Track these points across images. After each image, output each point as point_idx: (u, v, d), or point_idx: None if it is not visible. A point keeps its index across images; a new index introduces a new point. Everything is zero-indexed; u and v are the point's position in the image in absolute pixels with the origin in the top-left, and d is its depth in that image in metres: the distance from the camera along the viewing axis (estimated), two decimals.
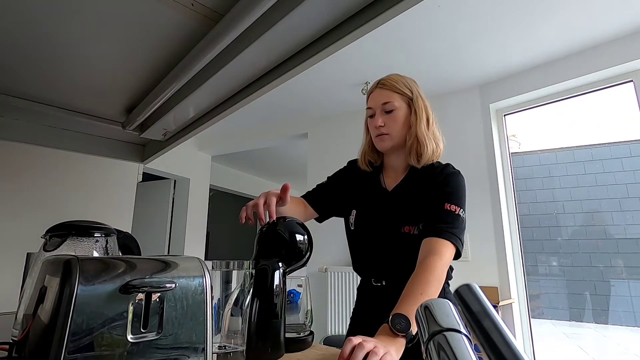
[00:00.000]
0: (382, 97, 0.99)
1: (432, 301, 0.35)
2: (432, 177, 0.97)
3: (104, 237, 0.66)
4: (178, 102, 1.00)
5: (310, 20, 0.65)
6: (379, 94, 1.00)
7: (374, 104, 1.00)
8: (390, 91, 0.99)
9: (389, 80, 1.01)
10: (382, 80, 1.02)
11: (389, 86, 1.00)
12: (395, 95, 0.99)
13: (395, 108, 0.98)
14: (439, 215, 0.89)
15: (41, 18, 0.72)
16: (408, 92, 1.00)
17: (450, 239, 0.85)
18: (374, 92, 1.02)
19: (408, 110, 1.00)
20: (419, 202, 0.96)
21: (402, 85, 1.00)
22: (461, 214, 0.90)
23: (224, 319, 0.62)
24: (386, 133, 0.99)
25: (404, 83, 1.00)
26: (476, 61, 2.58)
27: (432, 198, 0.93)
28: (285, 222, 0.82)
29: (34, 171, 1.47)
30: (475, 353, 0.29)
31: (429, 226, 0.89)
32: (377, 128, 0.99)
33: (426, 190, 0.96)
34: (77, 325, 0.39)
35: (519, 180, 4.56)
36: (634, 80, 2.32)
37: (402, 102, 0.99)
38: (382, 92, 1.00)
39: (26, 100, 1.09)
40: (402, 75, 1.04)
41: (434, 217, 0.90)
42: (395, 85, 0.99)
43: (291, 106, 3.41)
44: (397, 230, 0.96)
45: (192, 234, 4.09)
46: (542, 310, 4.63)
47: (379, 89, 1.01)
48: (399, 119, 0.98)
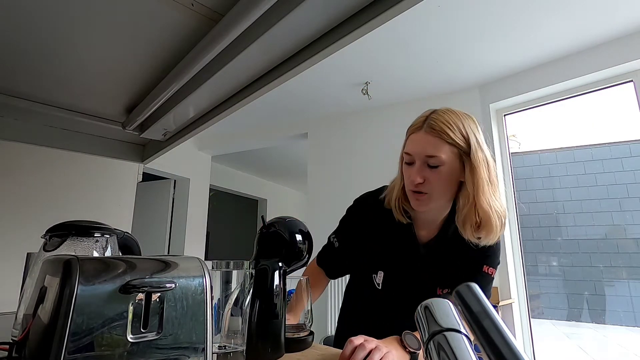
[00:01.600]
0: (427, 146, 0.75)
1: (432, 301, 0.35)
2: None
3: (104, 237, 0.66)
4: (178, 102, 1.00)
5: (310, 20, 0.65)
6: (424, 140, 0.76)
7: (416, 151, 0.77)
8: (440, 139, 0.75)
9: (439, 121, 0.76)
10: (432, 119, 0.77)
11: (438, 131, 0.75)
12: (446, 146, 0.75)
13: (443, 163, 0.75)
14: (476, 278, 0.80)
15: (41, 18, 0.72)
16: (463, 143, 0.75)
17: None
18: (418, 134, 0.77)
19: (459, 164, 0.76)
20: (455, 262, 0.83)
21: (456, 131, 0.75)
22: (494, 277, 0.83)
23: (224, 319, 0.62)
24: (425, 192, 0.78)
25: (459, 128, 0.76)
26: (476, 61, 2.58)
27: (471, 258, 0.82)
28: (285, 222, 0.82)
29: (34, 171, 1.47)
30: (475, 353, 0.29)
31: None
32: (414, 184, 0.78)
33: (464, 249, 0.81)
34: (77, 325, 0.39)
35: (519, 180, 4.57)
36: (634, 80, 2.32)
37: (453, 154, 0.75)
38: (429, 139, 0.75)
39: (26, 100, 1.09)
40: (457, 114, 0.78)
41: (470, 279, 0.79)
42: (447, 132, 0.74)
43: (291, 106, 3.41)
44: (433, 293, 0.84)
45: (192, 234, 4.09)
46: (542, 310, 4.63)
47: (425, 134, 0.76)
48: (445, 177, 0.77)
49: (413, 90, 2.99)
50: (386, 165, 3.57)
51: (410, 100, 3.15)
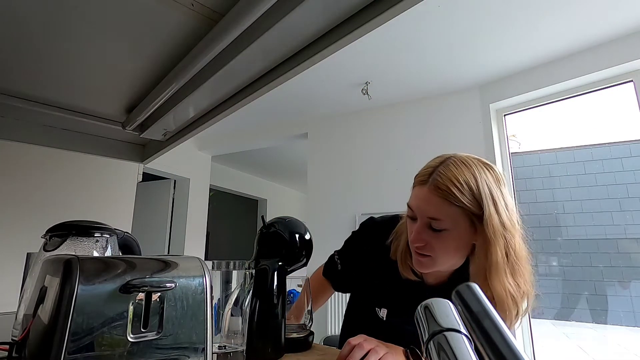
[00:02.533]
0: (429, 207, 0.64)
1: (432, 301, 0.35)
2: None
3: (104, 237, 0.66)
4: (178, 102, 1.00)
5: (310, 20, 0.65)
6: (426, 200, 0.64)
7: (417, 209, 0.66)
8: (445, 200, 0.62)
9: (446, 178, 0.62)
10: (437, 175, 0.63)
11: (444, 191, 0.62)
12: (453, 208, 0.62)
13: (448, 229, 0.63)
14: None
15: (41, 18, 0.72)
16: (474, 207, 0.61)
17: None
18: (422, 190, 0.65)
19: (470, 228, 0.63)
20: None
21: (467, 192, 0.61)
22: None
23: (224, 319, 0.62)
24: (428, 255, 0.67)
25: (470, 187, 0.61)
26: (476, 61, 2.58)
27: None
28: (285, 222, 0.82)
29: (34, 171, 1.47)
30: (475, 353, 0.29)
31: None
32: (414, 245, 0.69)
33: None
34: (78, 325, 0.39)
35: (519, 180, 4.56)
36: (634, 80, 2.32)
37: (463, 217, 0.62)
38: (432, 199, 0.63)
39: (26, 100, 1.09)
40: (471, 167, 0.64)
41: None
42: (454, 193, 0.61)
43: (291, 106, 3.41)
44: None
45: (192, 234, 4.09)
46: (542, 310, 4.63)
47: (429, 192, 0.64)
48: (450, 245, 0.65)
49: (413, 90, 2.99)
50: (386, 165, 3.57)
51: (410, 100, 3.15)
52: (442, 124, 2.98)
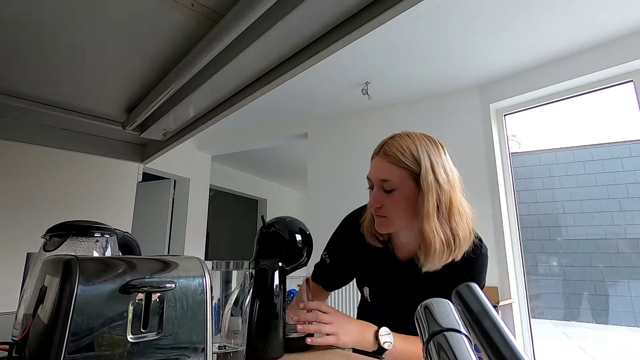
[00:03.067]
0: (381, 170, 0.78)
1: (432, 301, 0.35)
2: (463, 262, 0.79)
3: (104, 237, 0.66)
4: (178, 102, 1.00)
5: (310, 20, 0.65)
6: (378, 165, 0.79)
7: (372, 176, 0.80)
8: (392, 164, 0.76)
9: (393, 147, 0.77)
10: (386, 145, 0.79)
11: (391, 156, 0.76)
12: (398, 169, 0.75)
13: (397, 187, 0.76)
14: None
15: (41, 18, 0.72)
16: (415, 166, 0.75)
17: None
18: (375, 159, 0.80)
19: (416, 189, 0.75)
20: (439, 280, 0.80)
21: (408, 154, 0.75)
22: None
23: (224, 319, 0.62)
24: (384, 216, 0.79)
25: (412, 151, 0.75)
26: (476, 61, 2.58)
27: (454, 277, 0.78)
28: (285, 222, 0.82)
29: (34, 171, 1.47)
30: (475, 353, 0.29)
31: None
32: (373, 208, 0.80)
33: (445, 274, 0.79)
34: (77, 325, 0.39)
35: (519, 180, 4.57)
36: (634, 80, 2.32)
37: (408, 177, 0.75)
38: (383, 163, 0.77)
39: (26, 100, 1.09)
40: (415, 137, 0.78)
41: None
42: (399, 157, 0.75)
43: (291, 106, 3.41)
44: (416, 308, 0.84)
45: (192, 234, 4.09)
46: (542, 310, 4.63)
47: (380, 159, 0.78)
48: (400, 202, 0.77)
49: (413, 90, 2.99)
50: None
51: (410, 100, 3.15)
52: (442, 124, 2.98)
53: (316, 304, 0.76)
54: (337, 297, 3.15)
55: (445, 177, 0.76)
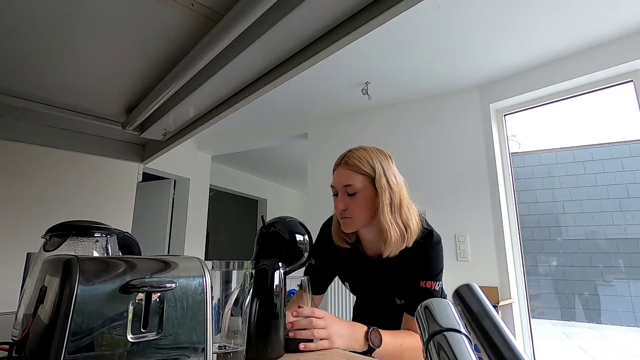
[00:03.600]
0: (344, 177, 0.93)
1: (432, 301, 0.35)
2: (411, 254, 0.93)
3: (104, 237, 0.66)
4: (178, 102, 1.00)
5: (310, 20, 0.65)
6: (341, 174, 0.94)
7: (336, 183, 0.95)
8: (352, 171, 0.92)
9: (352, 158, 0.94)
10: (347, 157, 0.95)
11: (351, 165, 0.92)
12: (358, 176, 0.91)
13: (358, 191, 0.91)
14: (415, 293, 0.91)
15: (41, 18, 0.72)
16: (371, 172, 0.92)
17: None
18: (337, 170, 0.96)
19: (373, 191, 0.92)
20: (403, 277, 0.94)
21: (365, 163, 0.92)
22: (437, 288, 0.91)
23: (224, 319, 0.62)
24: (349, 217, 0.93)
25: (368, 161, 0.92)
26: (476, 61, 2.58)
27: (409, 273, 0.92)
28: (285, 222, 0.82)
29: (34, 171, 1.47)
30: (475, 353, 0.29)
31: (406, 304, 0.93)
32: (339, 211, 0.94)
33: (405, 264, 0.93)
34: (77, 325, 0.39)
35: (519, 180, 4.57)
36: (634, 80, 2.32)
37: (367, 182, 0.92)
38: (345, 172, 0.93)
39: (26, 100, 1.09)
40: (369, 150, 0.96)
41: (411, 295, 0.92)
42: (358, 165, 0.92)
43: (291, 106, 3.41)
44: (392, 302, 0.98)
45: (192, 234, 4.09)
46: (542, 310, 4.63)
47: (342, 168, 0.94)
48: (361, 203, 0.92)
49: (413, 90, 2.99)
50: None
51: (410, 100, 3.15)
52: (442, 124, 2.98)
53: (309, 310, 0.80)
54: (336, 299, 3.14)
55: (394, 181, 0.93)
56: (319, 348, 0.75)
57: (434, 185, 2.85)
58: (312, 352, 0.75)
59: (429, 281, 0.91)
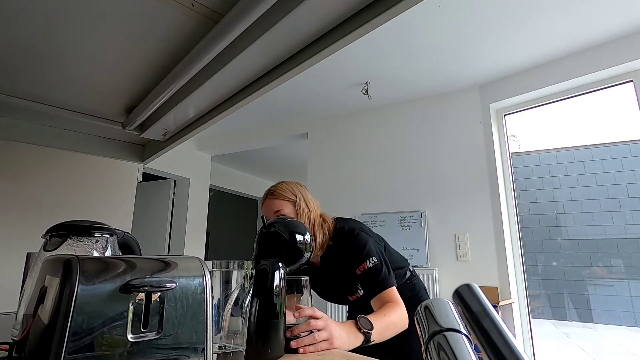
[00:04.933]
0: (273, 206, 1.14)
1: (432, 301, 0.35)
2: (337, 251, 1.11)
3: (104, 237, 0.66)
4: (178, 102, 1.00)
5: (310, 20, 0.65)
6: (270, 204, 1.15)
7: (267, 212, 1.15)
8: (279, 200, 1.15)
9: (277, 190, 1.17)
10: (272, 190, 1.18)
11: (277, 195, 1.15)
12: (284, 202, 1.14)
13: (285, 214, 1.11)
14: (360, 280, 1.05)
15: (41, 18, 0.72)
16: (293, 197, 1.15)
17: (385, 287, 1.00)
18: (266, 202, 1.17)
19: (295, 212, 1.14)
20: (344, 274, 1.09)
21: (288, 192, 1.16)
22: (371, 264, 1.03)
23: (224, 319, 0.62)
24: None
25: (290, 190, 1.17)
26: (476, 61, 2.58)
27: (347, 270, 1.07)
28: (285, 222, 0.82)
29: (34, 171, 1.47)
30: (475, 353, 0.29)
31: (366, 292, 1.04)
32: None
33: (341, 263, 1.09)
34: (78, 325, 0.39)
35: (519, 180, 4.57)
36: (634, 80, 2.32)
37: (291, 206, 1.14)
38: (273, 201, 1.15)
39: (26, 100, 1.09)
40: (288, 183, 1.21)
41: (361, 284, 1.06)
42: (282, 194, 1.15)
43: (291, 106, 3.41)
44: (346, 299, 1.15)
45: (192, 234, 4.09)
46: (542, 310, 4.63)
47: (270, 200, 1.16)
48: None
49: (413, 90, 2.99)
50: (386, 165, 3.56)
51: (410, 100, 3.15)
52: (442, 124, 2.98)
53: (310, 310, 0.82)
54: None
55: (311, 204, 1.17)
56: (318, 350, 0.76)
57: (434, 185, 2.85)
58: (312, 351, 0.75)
59: (360, 265, 1.04)
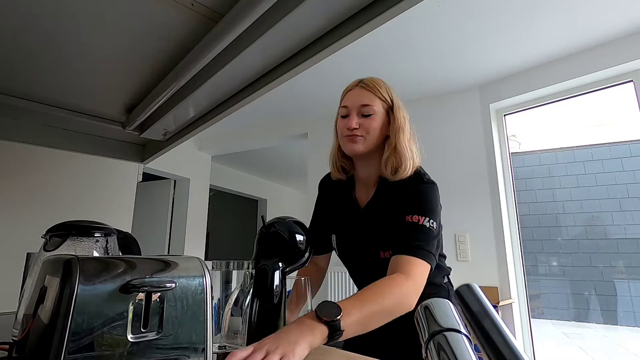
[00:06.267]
0: (362, 97, 0.90)
1: (432, 301, 0.35)
2: (401, 191, 0.87)
3: (104, 237, 0.66)
4: (178, 102, 1.00)
5: (310, 20, 0.65)
6: (359, 94, 0.91)
7: (352, 103, 0.91)
8: (372, 94, 0.91)
9: (371, 81, 0.93)
10: (364, 80, 0.94)
11: (371, 87, 0.91)
12: (377, 99, 0.90)
13: (375, 112, 0.89)
14: (402, 230, 0.81)
15: (41, 18, 0.72)
16: (389, 99, 0.92)
17: (417, 255, 0.76)
18: (353, 90, 0.93)
19: (386, 118, 0.92)
20: (391, 222, 0.85)
21: (384, 90, 0.92)
22: (427, 224, 0.81)
23: (224, 319, 0.62)
24: (360, 135, 0.89)
25: (386, 89, 0.93)
26: (476, 61, 2.58)
27: (395, 214, 0.84)
28: (285, 222, 0.82)
29: (34, 171, 1.47)
30: (475, 353, 0.29)
31: (395, 244, 0.81)
32: (350, 130, 0.89)
33: (396, 207, 0.86)
34: (78, 325, 0.39)
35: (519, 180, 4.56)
36: (634, 80, 2.32)
37: (382, 108, 0.91)
38: (363, 92, 0.91)
39: (26, 100, 1.09)
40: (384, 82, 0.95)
41: (398, 234, 0.81)
42: (378, 89, 0.91)
43: (291, 106, 3.41)
44: (376, 256, 0.88)
45: (192, 234, 4.09)
46: (542, 310, 4.63)
47: (360, 89, 0.92)
48: (376, 125, 0.90)
49: (413, 90, 2.99)
50: None
51: (410, 100, 3.15)
52: (442, 124, 2.98)
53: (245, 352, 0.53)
54: (336, 293, 3.15)
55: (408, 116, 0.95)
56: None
57: None
58: (312, 352, 0.75)
59: (416, 215, 0.81)
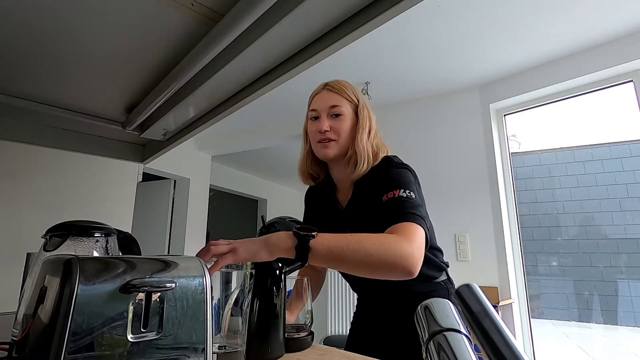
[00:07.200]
0: (330, 99, 0.93)
1: (432, 301, 0.35)
2: (373, 181, 0.88)
3: (104, 237, 0.66)
4: (178, 102, 1.00)
5: (310, 21, 0.65)
6: (327, 96, 0.93)
7: (320, 106, 0.93)
8: (339, 95, 0.94)
9: (338, 84, 0.96)
10: (331, 83, 0.97)
11: (337, 90, 0.94)
12: (344, 100, 0.93)
13: (343, 114, 0.92)
14: (385, 210, 0.78)
15: (41, 18, 0.72)
16: (355, 100, 0.95)
17: (403, 219, 0.73)
18: (321, 93, 0.95)
19: (355, 119, 0.94)
20: (372, 215, 0.84)
21: (351, 91, 0.95)
22: (403, 195, 0.78)
23: (224, 319, 0.62)
24: (333, 139, 0.91)
25: (352, 90, 0.96)
26: (476, 61, 2.58)
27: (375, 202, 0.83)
28: (285, 222, 0.82)
29: (34, 171, 1.47)
30: (475, 353, 0.29)
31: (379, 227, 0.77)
32: (321, 133, 0.91)
33: (373, 198, 0.85)
34: (78, 325, 0.39)
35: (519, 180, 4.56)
36: (634, 80, 2.32)
37: (350, 109, 0.94)
38: (331, 94, 0.93)
39: (26, 100, 1.09)
40: (349, 83, 0.99)
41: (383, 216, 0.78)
42: (344, 90, 0.94)
43: (291, 106, 3.41)
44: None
45: (192, 234, 4.09)
46: (542, 310, 4.63)
47: (327, 91, 0.95)
48: (346, 127, 0.91)
49: (413, 90, 2.99)
50: None
51: (410, 100, 3.15)
52: (442, 124, 2.98)
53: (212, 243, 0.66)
54: (336, 295, 3.14)
55: (372, 115, 0.98)
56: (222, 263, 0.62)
57: (434, 185, 2.85)
58: (312, 351, 0.75)
59: (390, 192, 0.80)
